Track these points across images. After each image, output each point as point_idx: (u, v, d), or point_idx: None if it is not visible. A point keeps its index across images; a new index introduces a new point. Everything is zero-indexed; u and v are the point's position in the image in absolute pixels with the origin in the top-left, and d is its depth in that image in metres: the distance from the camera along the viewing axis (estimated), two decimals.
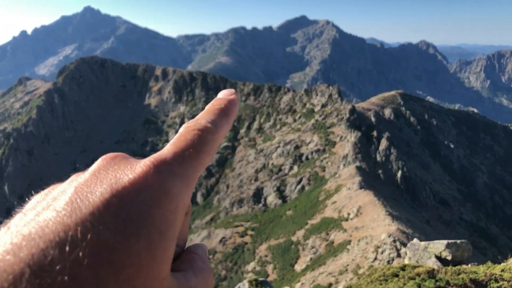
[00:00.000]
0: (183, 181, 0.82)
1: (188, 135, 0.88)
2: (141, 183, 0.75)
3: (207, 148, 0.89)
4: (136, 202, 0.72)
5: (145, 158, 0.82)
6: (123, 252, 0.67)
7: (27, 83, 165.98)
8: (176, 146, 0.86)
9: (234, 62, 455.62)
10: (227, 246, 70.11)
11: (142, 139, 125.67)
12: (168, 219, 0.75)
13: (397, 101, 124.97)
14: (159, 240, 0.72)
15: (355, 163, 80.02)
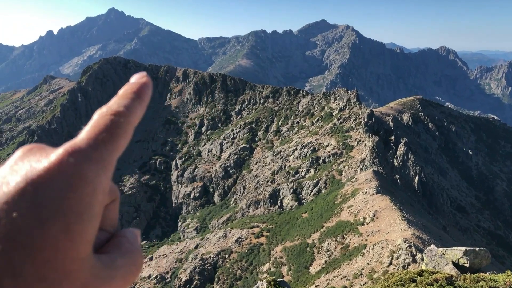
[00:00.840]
0: (99, 164, 0.86)
1: (101, 120, 0.91)
2: (56, 169, 0.79)
3: (120, 131, 0.92)
4: (51, 187, 0.77)
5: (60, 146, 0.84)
6: (38, 236, 0.72)
7: (52, 82, 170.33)
8: (89, 132, 0.89)
9: (253, 65, 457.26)
10: (242, 247, 70.89)
11: (162, 138, 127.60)
12: (85, 202, 0.80)
13: (416, 106, 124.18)
14: (76, 222, 0.77)
15: (372, 167, 80.00)
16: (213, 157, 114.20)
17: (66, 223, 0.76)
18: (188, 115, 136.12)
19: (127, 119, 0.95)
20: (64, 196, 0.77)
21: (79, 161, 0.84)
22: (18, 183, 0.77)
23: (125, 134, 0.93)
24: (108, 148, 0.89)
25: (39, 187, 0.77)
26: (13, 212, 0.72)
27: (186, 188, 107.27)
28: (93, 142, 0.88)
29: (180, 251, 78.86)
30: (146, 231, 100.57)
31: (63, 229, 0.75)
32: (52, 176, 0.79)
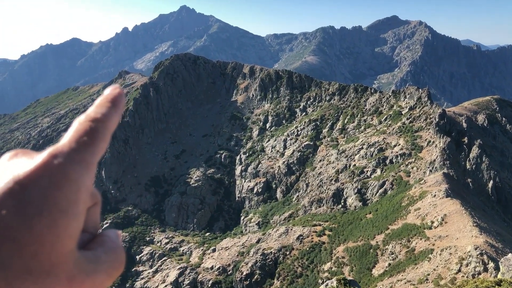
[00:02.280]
0: (82, 165, 0.96)
1: (81, 126, 1.02)
2: (41, 170, 0.90)
3: (99, 135, 1.03)
4: (37, 186, 0.87)
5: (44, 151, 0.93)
6: (25, 231, 0.82)
7: (126, 76, 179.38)
8: (71, 137, 1.00)
9: (320, 62, 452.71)
10: (304, 244, 70.85)
11: (227, 133, 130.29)
12: (70, 199, 0.90)
13: (493, 106, 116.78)
14: (61, 218, 0.87)
15: (442, 169, 76.59)
16: (277, 153, 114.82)
17: (51, 219, 0.85)
18: (253, 111, 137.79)
19: (105, 124, 1.05)
20: (50, 194, 0.87)
21: (63, 162, 0.93)
22: (6, 183, 0.87)
23: (103, 138, 1.04)
24: (89, 150, 0.99)
25: (26, 186, 0.87)
26: (2, 210, 0.82)
27: (249, 183, 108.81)
28: (75, 145, 0.97)
29: (242, 245, 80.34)
30: (210, 223, 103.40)
31: (48, 225, 0.84)
32: (37, 176, 0.88)
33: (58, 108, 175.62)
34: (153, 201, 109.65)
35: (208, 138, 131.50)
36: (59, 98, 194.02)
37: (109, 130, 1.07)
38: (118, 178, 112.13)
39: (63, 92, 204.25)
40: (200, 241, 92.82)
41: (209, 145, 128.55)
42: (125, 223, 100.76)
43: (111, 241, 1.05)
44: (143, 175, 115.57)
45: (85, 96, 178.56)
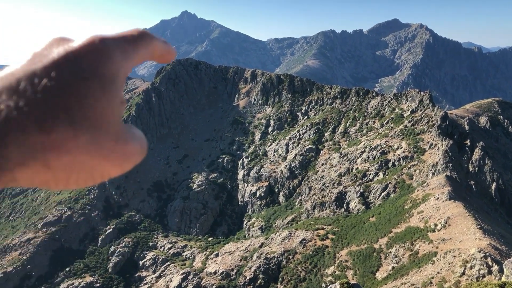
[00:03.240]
0: (122, 54, 1.16)
1: (129, 30, 1.25)
2: (89, 46, 1.09)
3: (144, 41, 1.26)
4: (87, 58, 1.07)
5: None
6: (82, 88, 1.01)
7: (128, 82, 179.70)
8: (117, 33, 1.21)
9: (322, 65, 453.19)
10: (307, 248, 70.74)
11: (229, 138, 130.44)
12: (114, 73, 1.10)
13: (495, 109, 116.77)
14: (109, 85, 1.07)
15: (445, 172, 76.46)
16: (279, 157, 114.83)
17: (102, 82, 1.05)
18: (255, 115, 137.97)
19: (151, 39, 1.29)
20: (98, 65, 1.06)
21: (107, 44, 1.13)
22: (60, 53, 1.06)
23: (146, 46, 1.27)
24: (131, 46, 1.21)
25: (78, 56, 1.06)
26: (61, 68, 1.02)
27: (252, 187, 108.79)
28: (120, 38, 1.19)
29: (245, 249, 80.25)
30: (213, 228, 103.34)
31: (100, 88, 1.04)
32: (87, 50, 1.08)
33: None
34: (155, 206, 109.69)
35: (210, 142, 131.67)
36: None
37: (152, 45, 1.29)
38: (120, 183, 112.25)
39: None
40: (203, 246, 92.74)
41: (211, 149, 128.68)
42: (128, 229, 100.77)
43: (136, 128, 1.23)
44: (146, 180, 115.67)
45: None
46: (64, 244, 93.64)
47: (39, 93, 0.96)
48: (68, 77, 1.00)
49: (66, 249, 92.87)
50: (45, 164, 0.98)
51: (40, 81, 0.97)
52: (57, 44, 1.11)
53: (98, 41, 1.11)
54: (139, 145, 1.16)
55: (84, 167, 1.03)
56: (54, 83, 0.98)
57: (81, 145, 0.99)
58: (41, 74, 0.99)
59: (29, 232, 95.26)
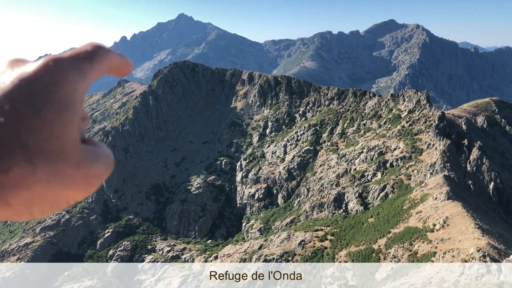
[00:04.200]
0: (79, 72, 1.14)
1: (83, 46, 1.22)
2: (43, 70, 1.07)
3: (99, 56, 1.23)
4: (41, 83, 1.04)
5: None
6: (36, 118, 0.98)
7: (126, 85, 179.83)
8: (72, 51, 1.20)
9: (319, 67, 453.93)
10: (306, 250, 70.65)
11: (227, 140, 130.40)
12: (70, 96, 1.08)
13: (492, 108, 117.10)
14: (65, 110, 1.04)
15: (443, 172, 76.55)
16: (277, 159, 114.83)
17: (56, 110, 1.02)
18: (252, 117, 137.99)
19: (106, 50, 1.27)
20: (52, 90, 1.04)
21: (62, 65, 1.10)
22: (13, 80, 1.03)
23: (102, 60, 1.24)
24: (86, 63, 1.17)
25: (32, 82, 1.03)
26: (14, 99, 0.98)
27: (250, 189, 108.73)
28: (75, 56, 1.16)
29: (244, 251, 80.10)
30: (212, 230, 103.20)
31: (55, 114, 1.01)
32: (41, 75, 1.05)
33: None
34: (154, 209, 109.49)
35: (208, 145, 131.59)
36: None
37: (107, 59, 1.26)
38: (118, 186, 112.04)
39: None
40: (202, 249, 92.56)
41: (209, 152, 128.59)
42: (126, 232, 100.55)
43: (101, 144, 1.22)
44: (144, 184, 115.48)
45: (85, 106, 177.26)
46: (62, 248, 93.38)
47: None
48: (23, 109, 0.97)
49: (65, 253, 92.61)
50: (5, 202, 0.96)
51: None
52: (11, 69, 1.09)
53: (52, 63, 1.09)
54: (102, 165, 1.14)
55: (47, 199, 1.01)
56: (8, 117, 0.95)
57: (41, 179, 0.97)
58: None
59: (27, 236, 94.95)
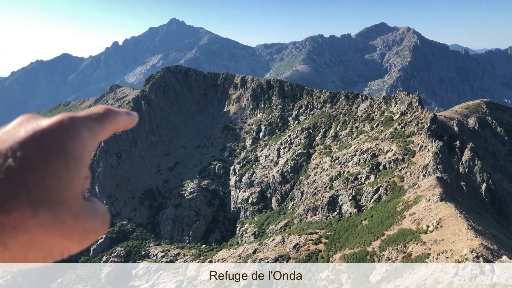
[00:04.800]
0: (90, 131, 1.23)
1: (95, 108, 1.34)
2: (57, 124, 1.15)
3: (108, 118, 1.33)
4: (54, 136, 1.12)
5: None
6: (45, 167, 1.04)
7: (118, 90, 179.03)
8: (85, 112, 1.31)
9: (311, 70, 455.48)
10: (301, 253, 70.59)
11: (221, 144, 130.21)
12: (79, 151, 1.15)
13: (483, 110, 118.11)
14: (73, 163, 1.11)
15: (435, 173, 76.95)
16: (271, 162, 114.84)
17: (66, 162, 1.09)
18: (246, 121, 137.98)
19: (115, 114, 1.36)
20: (64, 144, 1.11)
21: (76, 123, 1.19)
22: (28, 131, 1.11)
23: (111, 122, 1.34)
24: (97, 124, 1.28)
25: (45, 135, 1.11)
26: (27, 148, 1.05)
27: (244, 193, 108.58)
28: (87, 116, 1.26)
29: (239, 256, 79.88)
30: (206, 235, 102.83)
31: (63, 167, 1.08)
32: (54, 129, 1.13)
33: None
34: (147, 215, 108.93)
35: (201, 149, 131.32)
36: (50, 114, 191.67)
37: (116, 120, 1.36)
38: (111, 192, 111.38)
39: (55, 108, 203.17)
40: (196, 254, 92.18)
41: (202, 156, 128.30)
42: (120, 238, 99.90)
43: (99, 202, 1.30)
44: (137, 189, 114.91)
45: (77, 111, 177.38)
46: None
47: (2, 173, 0.98)
48: (33, 156, 1.04)
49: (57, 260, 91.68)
50: (3, 243, 0.99)
51: (5, 162, 1.00)
52: (27, 122, 1.15)
53: (67, 119, 1.17)
54: (100, 221, 1.20)
55: (43, 245, 1.05)
56: (18, 162, 1.01)
57: (41, 224, 1.00)
58: (6, 154, 1.02)
59: None
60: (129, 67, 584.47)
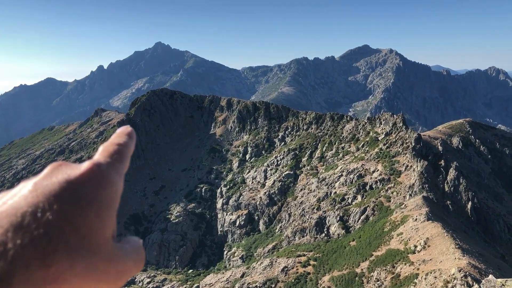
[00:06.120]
0: (117, 173, 1.29)
1: (110, 148, 1.38)
2: (88, 173, 1.19)
3: (125, 155, 1.38)
4: (86, 186, 1.16)
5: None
6: (80, 218, 1.09)
7: (103, 114, 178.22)
8: (104, 154, 1.34)
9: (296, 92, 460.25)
10: (289, 276, 69.75)
11: (207, 166, 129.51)
12: (111, 197, 1.21)
13: (466, 129, 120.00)
14: (105, 210, 1.17)
15: (421, 193, 77.39)
16: (258, 184, 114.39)
17: (98, 211, 1.14)
18: (232, 143, 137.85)
19: (127, 148, 1.42)
20: (97, 192, 1.16)
21: (106, 169, 1.25)
22: (61, 182, 1.14)
23: (127, 158, 1.41)
24: (120, 165, 1.33)
25: (78, 185, 1.14)
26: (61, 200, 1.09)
27: (231, 216, 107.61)
28: (110, 159, 1.31)
29: (226, 280, 78.61)
30: (193, 260, 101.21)
31: (96, 215, 1.13)
32: (86, 178, 1.18)
33: (34, 149, 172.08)
34: None
35: (187, 172, 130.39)
36: (34, 139, 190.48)
37: (129, 153, 1.43)
38: None
39: (38, 133, 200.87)
40: (183, 279, 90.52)
41: (189, 179, 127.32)
42: None
43: (134, 241, 1.35)
44: (122, 213, 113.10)
45: (61, 136, 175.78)
46: None
47: (41, 227, 1.02)
48: (68, 208, 1.08)
49: None
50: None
51: (43, 216, 1.04)
52: (57, 171, 1.19)
53: (96, 168, 1.22)
54: (132, 261, 1.24)
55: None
56: (56, 216, 1.05)
57: (78, 273, 1.04)
58: (43, 208, 1.06)
59: None
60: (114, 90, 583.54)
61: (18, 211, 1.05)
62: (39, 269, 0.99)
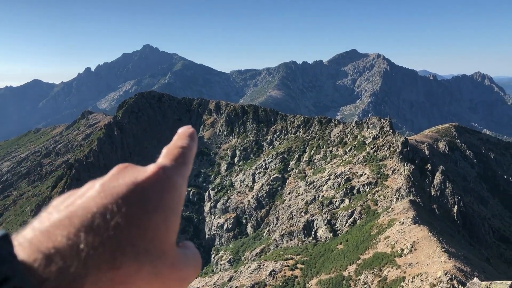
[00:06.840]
0: (182, 177, 1.28)
1: (174, 151, 1.35)
2: (154, 177, 1.18)
3: (188, 158, 1.36)
4: (153, 189, 1.15)
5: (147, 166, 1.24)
6: (147, 221, 1.09)
7: (90, 116, 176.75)
8: (168, 157, 1.32)
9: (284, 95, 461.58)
10: (277, 279, 69.67)
11: (195, 170, 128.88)
12: (176, 201, 1.20)
13: (452, 133, 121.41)
14: (171, 215, 1.16)
15: (408, 197, 78.01)
16: (246, 187, 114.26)
17: (164, 215, 1.13)
18: (220, 146, 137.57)
19: (190, 151, 1.39)
20: (163, 196, 1.16)
21: (171, 173, 1.23)
22: (129, 185, 1.13)
23: (190, 161, 1.38)
24: (184, 168, 1.32)
25: (144, 188, 1.14)
26: (129, 203, 1.09)
27: (219, 220, 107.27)
28: (175, 163, 1.28)
29: (214, 284, 78.25)
30: None
31: (162, 219, 1.12)
32: (152, 182, 1.16)
33: (19, 151, 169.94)
34: None
35: None
36: (20, 141, 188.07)
37: (193, 156, 1.40)
38: None
39: (24, 135, 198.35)
40: None
41: None
42: None
43: (191, 247, 1.32)
44: None
45: (47, 138, 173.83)
46: None
47: (111, 230, 1.03)
48: (136, 212, 1.08)
49: None
50: None
51: (112, 218, 1.05)
52: (124, 173, 1.19)
53: (162, 171, 1.20)
54: (192, 268, 1.24)
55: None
56: (124, 219, 1.06)
57: (144, 277, 1.06)
58: (112, 210, 1.06)
59: None
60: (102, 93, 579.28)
61: (88, 212, 1.06)
62: (109, 271, 1.01)
